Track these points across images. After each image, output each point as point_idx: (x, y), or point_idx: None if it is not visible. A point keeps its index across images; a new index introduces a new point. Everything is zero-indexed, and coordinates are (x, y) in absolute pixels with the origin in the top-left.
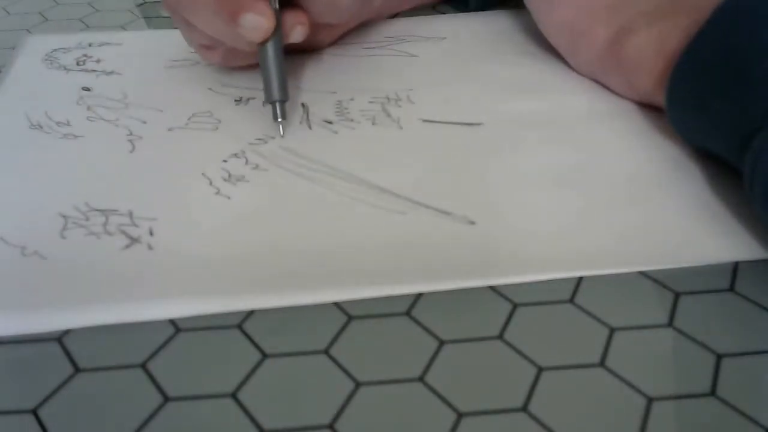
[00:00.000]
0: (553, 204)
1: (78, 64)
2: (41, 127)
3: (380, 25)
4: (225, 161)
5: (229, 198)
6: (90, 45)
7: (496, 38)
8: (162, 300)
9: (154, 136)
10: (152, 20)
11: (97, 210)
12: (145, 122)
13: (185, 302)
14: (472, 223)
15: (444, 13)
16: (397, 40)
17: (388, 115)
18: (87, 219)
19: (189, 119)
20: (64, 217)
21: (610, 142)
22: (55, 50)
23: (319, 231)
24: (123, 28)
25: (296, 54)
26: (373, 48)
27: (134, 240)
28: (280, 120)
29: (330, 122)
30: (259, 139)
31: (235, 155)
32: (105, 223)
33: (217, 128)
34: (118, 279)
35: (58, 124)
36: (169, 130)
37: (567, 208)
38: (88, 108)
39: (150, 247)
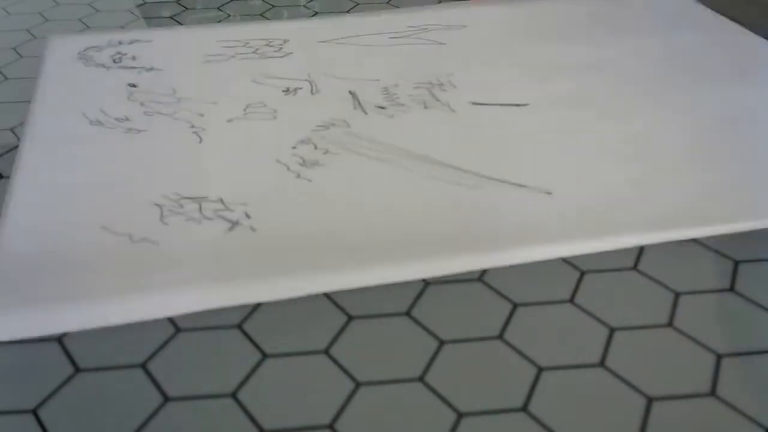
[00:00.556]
0: (617, 173)
1: (115, 61)
2: (102, 123)
3: (400, 14)
4: (294, 147)
5: (310, 181)
6: (120, 43)
7: (514, 26)
8: (271, 279)
9: (217, 127)
10: (152, 20)
11: (187, 198)
12: (202, 115)
13: (293, 281)
14: (549, 193)
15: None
16: (420, 29)
17: (437, 99)
18: (181, 206)
19: (245, 110)
20: (158, 206)
21: (656, 114)
22: (87, 49)
23: (404, 208)
24: (123, 28)
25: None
26: (399, 37)
27: (235, 223)
28: None
29: (383, 107)
30: (321, 126)
31: (302, 142)
32: (200, 209)
33: (275, 117)
34: (225, 260)
35: (117, 120)
36: (229, 121)
37: (630, 176)
38: (142, 104)
39: (253, 229)
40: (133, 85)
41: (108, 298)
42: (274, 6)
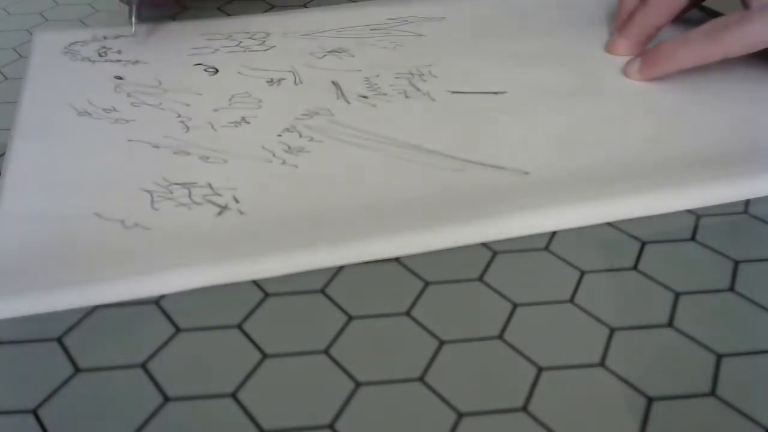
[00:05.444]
0: (591, 152)
1: (100, 55)
2: (89, 114)
3: (381, 7)
4: (279, 135)
5: (296, 167)
6: (105, 38)
7: (490, 19)
8: (261, 258)
9: (203, 116)
10: (152, 21)
11: (176, 184)
12: (188, 105)
13: (282, 259)
14: (526, 173)
15: None
16: (400, 21)
17: (417, 89)
18: (170, 192)
19: (230, 100)
20: (148, 192)
21: (632, 99)
22: (73, 44)
23: (388, 190)
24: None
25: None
26: (380, 30)
27: (224, 208)
28: (134, 19)
29: (365, 97)
30: (305, 115)
31: (287, 130)
32: (189, 194)
33: (260, 107)
34: (217, 243)
35: (104, 110)
36: (215, 110)
37: (605, 155)
38: (128, 95)
39: (241, 212)
40: (120, 78)
41: (104, 278)
42: (274, 6)
